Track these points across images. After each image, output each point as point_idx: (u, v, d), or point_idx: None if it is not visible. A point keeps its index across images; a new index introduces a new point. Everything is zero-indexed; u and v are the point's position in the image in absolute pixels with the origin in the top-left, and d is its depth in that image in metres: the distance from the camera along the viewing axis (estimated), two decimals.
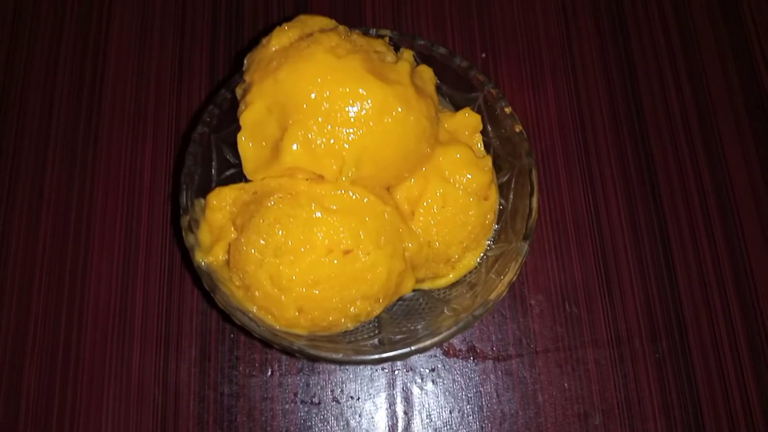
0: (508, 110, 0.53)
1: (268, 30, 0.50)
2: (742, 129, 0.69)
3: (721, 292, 0.64)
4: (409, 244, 0.49)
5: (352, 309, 0.48)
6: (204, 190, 0.51)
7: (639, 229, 0.66)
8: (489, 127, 0.55)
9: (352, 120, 0.45)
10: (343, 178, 0.46)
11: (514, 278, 0.48)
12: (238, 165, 0.52)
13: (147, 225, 0.64)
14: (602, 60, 0.72)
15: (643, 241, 0.65)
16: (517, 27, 0.73)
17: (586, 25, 0.73)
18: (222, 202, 0.49)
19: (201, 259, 0.48)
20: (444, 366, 0.61)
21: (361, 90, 0.45)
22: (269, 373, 0.60)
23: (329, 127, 0.45)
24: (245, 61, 0.50)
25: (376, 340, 0.51)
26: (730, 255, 0.65)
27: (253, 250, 0.46)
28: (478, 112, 0.54)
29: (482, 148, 0.55)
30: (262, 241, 0.46)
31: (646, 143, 0.69)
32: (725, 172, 0.68)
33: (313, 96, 0.45)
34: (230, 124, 0.53)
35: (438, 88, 0.54)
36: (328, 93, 0.45)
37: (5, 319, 0.62)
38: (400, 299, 0.53)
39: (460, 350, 0.62)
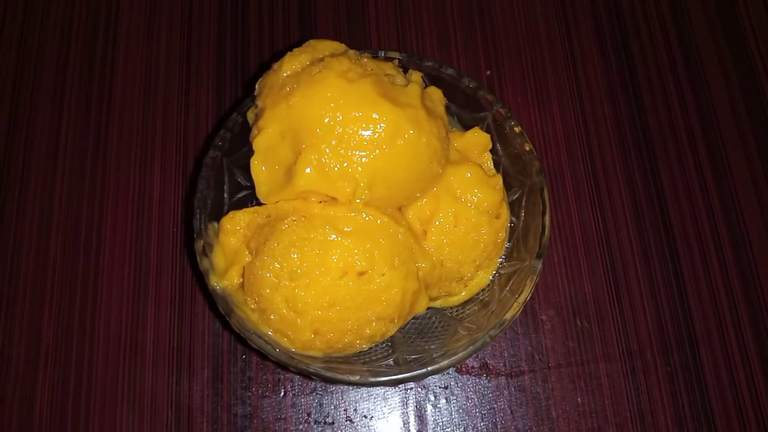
0: (517, 129, 0.53)
1: (274, 56, 0.51)
2: (748, 149, 0.70)
3: (730, 305, 0.64)
4: (423, 264, 0.50)
5: (367, 330, 0.48)
6: (216, 214, 0.52)
7: (648, 244, 0.66)
8: (498, 145, 0.56)
9: (365, 143, 0.45)
10: (357, 201, 0.46)
11: (529, 297, 0.49)
12: (250, 187, 0.52)
13: (157, 247, 0.65)
14: (606, 78, 0.72)
15: (652, 256, 0.66)
16: (520, 46, 0.74)
17: (589, 45, 0.74)
18: (236, 225, 0.49)
19: (216, 283, 0.48)
20: (457, 383, 0.61)
21: (374, 114, 0.45)
22: (282, 393, 0.60)
23: (342, 150, 0.45)
24: (257, 86, 0.51)
25: (390, 360, 0.51)
26: (738, 268, 0.65)
27: (268, 274, 0.47)
28: (487, 131, 0.55)
29: (492, 167, 0.56)
30: (277, 265, 0.46)
31: (652, 161, 0.69)
32: (732, 187, 0.68)
33: (326, 120, 0.45)
34: (241, 147, 0.54)
35: (447, 108, 0.54)
36: (340, 117, 0.45)
37: (17, 341, 0.62)
38: (413, 318, 0.53)
39: (472, 367, 0.62)
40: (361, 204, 0.47)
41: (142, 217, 0.66)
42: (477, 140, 0.54)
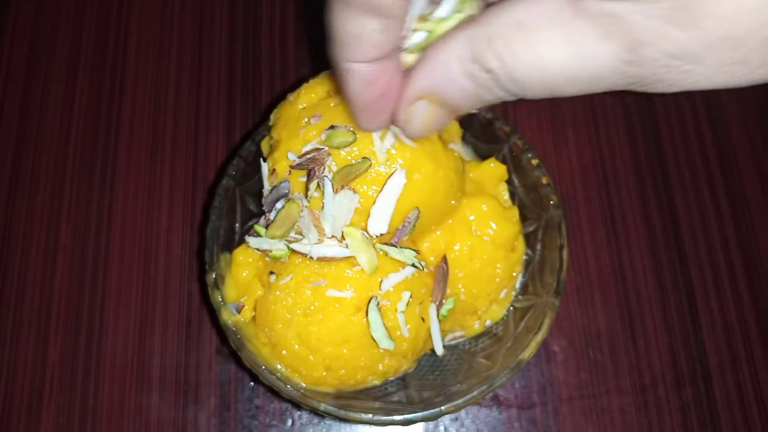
0: (535, 162, 0.52)
1: (284, 78, 0.50)
2: (765, 183, 0.69)
3: (745, 341, 0.63)
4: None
5: (380, 366, 0.47)
6: (227, 243, 0.51)
7: (663, 279, 0.65)
8: (514, 176, 0.55)
9: (381, 178, 0.45)
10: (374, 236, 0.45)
11: (546, 336, 0.48)
12: (261, 214, 0.52)
13: (164, 273, 0.64)
14: (623, 109, 0.72)
15: (666, 290, 0.65)
16: None
17: None
18: (248, 258, 0.49)
19: (227, 316, 0.47)
20: (467, 414, 0.60)
21: (392, 150, 0.44)
22: (290, 423, 0.59)
23: (359, 185, 0.45)
24: (272, 117, 0.50)
25: (403, 395, 0.50)
26: (753, 304, 0.64)
27: (281, 308, 0.46)
28: (503, 161, 0.54)
29: (508, 198, 0.55)
30: (290, 300, 0.45)
31: (669, 190, 0.68)
32: (749, 219, 0.67)
33: (342, 154, 0.45)
34: (253, 174, 0.53)
35: (462, 137, 0.53)
36: (356, 151, 0.45)
37: (21, 367, 0.61)
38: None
39: (483, 398, 0.61)
40: (375, 239, 0.46)
41: (150, 243, 0.65)
42: (493, 171, 0.53)
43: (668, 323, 0.64)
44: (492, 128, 0.53)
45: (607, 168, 0.69)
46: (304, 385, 0.47)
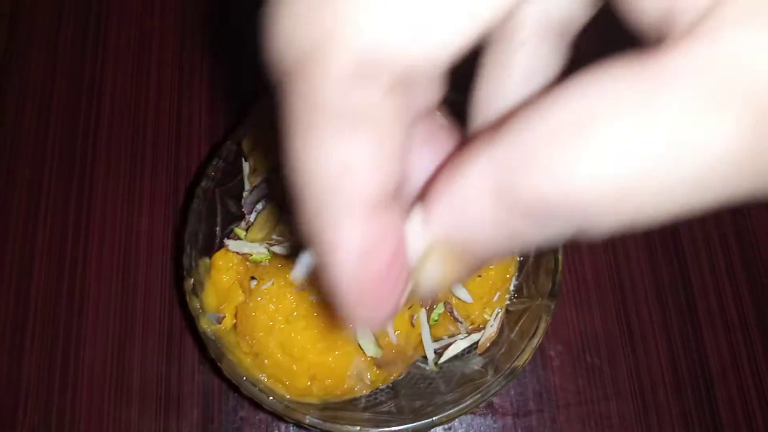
0: None
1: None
2: None
3: (746, 343, 0.61)
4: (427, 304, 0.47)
5: (368, 375, 0.45)
6: (208, 247, 0.49)
7: (661, 279, 0.63)
8: None
9: None
10: None
11: (541, 341, 0.46)
12: (243, 217, 0.49)
13: (144, 281, 0.61)
14: None
15: (665, 292, 0.63)
16: None
17: None
18: (228, 262, 0.46)
19: (206, 325, 0.45)
20: (461, 424, 0.58)
21: None
22: None
23: None
24: (256, 113, 0.48)
25: (393, 405, 0.48)
26: (754, 305, 0.62)
27: (263, 315, 0.43)
28: None
29: None
30: (272, 306, 0.43)
31: None
32: (747, 218, 0.66)
33: None
34: (234, 175, 0.51)
35: None
36: None
37: None
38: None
39: (477, 407, 0.59)
40: None
41: (130, 248, 0.62)
42: None
43: (667, 326, 0.62)
44: None
45: None
46: (288, 396, 0.45)
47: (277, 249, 0.43)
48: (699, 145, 0.14)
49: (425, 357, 0.49)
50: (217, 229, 0.51)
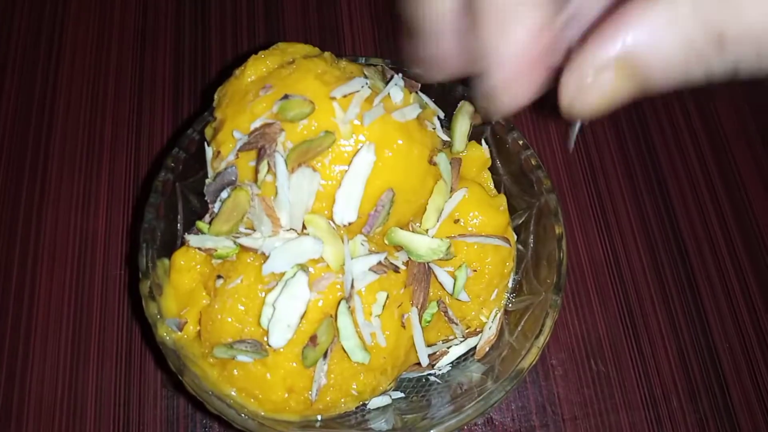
0: (521, 142, 0.46)
1: (237, 62, 0.43)
2: (759, 162, 0.64)
3: (760, 343, 0.57)
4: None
5: (353, 385, 0.39)
6: (168, 249, 0.43)
7: (664, 275, 0.59)
8: (498, 162, 0.48)
9: (346, 155, 0.38)
10: (341, 225, 0.38)
11: (548, 339, 0.40)
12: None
13: (101, 293, 0.55)
14: None
15: (669, 289, 0.58)
16: None
17: None
18: (190, 261, 0.40)
19: (165, 332, 0.39)
20: None
21: (356, 122, 0.37)
22: None
23: (319, 165, 0.38)
24: (216, 96, 0.43)
25: (383, 421, 0.42)
26: (765, 300, 0.58)
27: (230, 318, 0.38)
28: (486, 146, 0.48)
29: (493, 187, 0.48)
30: (241, 307, 0.37)
31: (661, 183, 0.62)
32: (748, 206, 0.62)
33: (299, 129, 0.37)
34: (198, 169, 0.46)
35: (439, 121, 0.47)
36: (315, 125, 0.38)
37: None
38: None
39: (475, 424, 0.53)
40: (344, 229, 0.38)
41: (85, 256, 0.56)
42: (474, 156, 0.47)
43: (675, 326, 0.57)
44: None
45: (594, 161, 0.63)
46: (262, 412, 0.39)
47: (245, 241, 0.37)
48: None
49: (417, 364, 0.43)
50: (179, 227, 0.45)
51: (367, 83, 0.39)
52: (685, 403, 0.55)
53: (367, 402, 0.43)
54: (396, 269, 0.39)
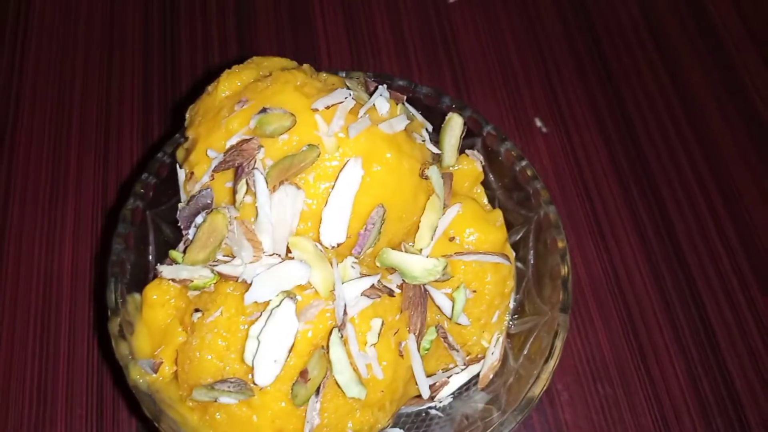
0: (515, 152, 0.43)
1: (209, 79, 0.40)
2: (748, 157, 0.62)
3: None
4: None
5: (349, 424, 0.36)
6: (139, 283, 0.39)
7: (666, 290, 0.56)
8: (491, 176, 0.46)
9: (331, 171, 0.35)
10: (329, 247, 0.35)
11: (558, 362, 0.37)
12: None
13: (68, 336, 0.51)
14: (587, 94, 0.64)
15: (672, 302, 0.56)
16: (489, 65, 0.65)
17: (564, 58, 0.66)
18: (164, 295, 0.37)
19: (139, 375, 0.35)
20: None
21: (341, 134, 0.35)
22: None
23: (303, 182, 0.34)
24: (187, 115, 0.40)
25: None
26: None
27: (210, 356, 0.34)
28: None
29: (487, 203, 0.45)
30: (222, 342, 0.34)
31: (656, 191, 0.60)
32: (745, 214, 0.60)
33: (279, 145, 0.34)
34: (171, 196, 0.42)
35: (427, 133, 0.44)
36: (297, 140, 0.35)
37: None
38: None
39: None
40: (332, 252, 0.35)
41: (50, 294, 0.52)
42: (467, 170, 0.44)
43: (681, 343, 0.54)
44: None
45: (584, 168, 0.61)
46: None
47: (224, 269, 0.34)
48: None
49: (417, 396, 0.40)
50: (151, 259, 0.42)
51: (350, 94, 0.37)
52: (698, 423, 0.52)
53: None
54: (391, 293, 0.36)
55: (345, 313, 0.34)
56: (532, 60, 0.66)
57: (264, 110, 0.35)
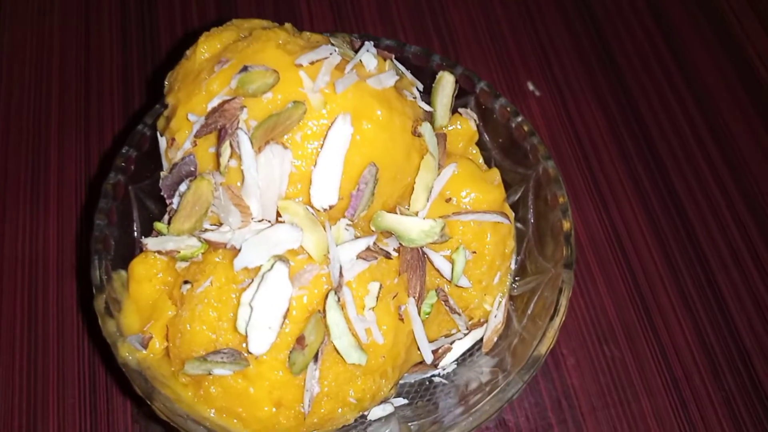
0: (509, 108, 0.42)
1: (188, 43, 0.38)
2: (751, 122, 0.61)
3: None
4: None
5: (350, 392, 0.34)
6: (125, 260, 0.37)
7: (669, 248, 0.55)
8: (486, 136, 0.44)
9: (319, 130, 0.33)
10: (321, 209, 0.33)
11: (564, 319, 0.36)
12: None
13: (57, 322, 0.49)
14: (580, 56, 0.63)
15: (676, 260, 0.54)
16: (478, 30, 0.63)
17: (555, 21, 0.64)
18: (151, 269, 0.35)
19: (128, 352, 0.34)
20: None
21: (328, 90, 0.33)
22: None
23: (290, 142, 0.33)
24: (166, 82, 0.38)
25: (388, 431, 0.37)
26: None
27: (201, 327, 0.33)
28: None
29: (483, 163, 0.44)
30: (213, 313, 0.32)
31: (652, 148, 0.59)
32: (745, 167, 0.59)
33: (263, 104, 0.33)
34: (154, 170, 0.40)
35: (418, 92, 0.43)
36: (280, 98, 0.33)
37: None
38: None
39: (486, 428, 0.48)
40: (324, 214, 0.34)
41: (37, 284, 0.50)
42: (460, 130, 0.42)
43: (687, 302, 0.53)
44: None
45: (579, 129, 0.59)
46: None
47: (212, 236, 0.32)
48: None
49: (420, 363, 0.38)
50: (135, 234, 0.40)
51: (336, 50, 0.35)
52: (708, 382, 0.51)
53: (367, 412, 0.38)
54: (388, 255, 0.35)
55: (341, 275, 0.32)
56: (522, 24, 0.64)
57: (245, 68, 0.33)
